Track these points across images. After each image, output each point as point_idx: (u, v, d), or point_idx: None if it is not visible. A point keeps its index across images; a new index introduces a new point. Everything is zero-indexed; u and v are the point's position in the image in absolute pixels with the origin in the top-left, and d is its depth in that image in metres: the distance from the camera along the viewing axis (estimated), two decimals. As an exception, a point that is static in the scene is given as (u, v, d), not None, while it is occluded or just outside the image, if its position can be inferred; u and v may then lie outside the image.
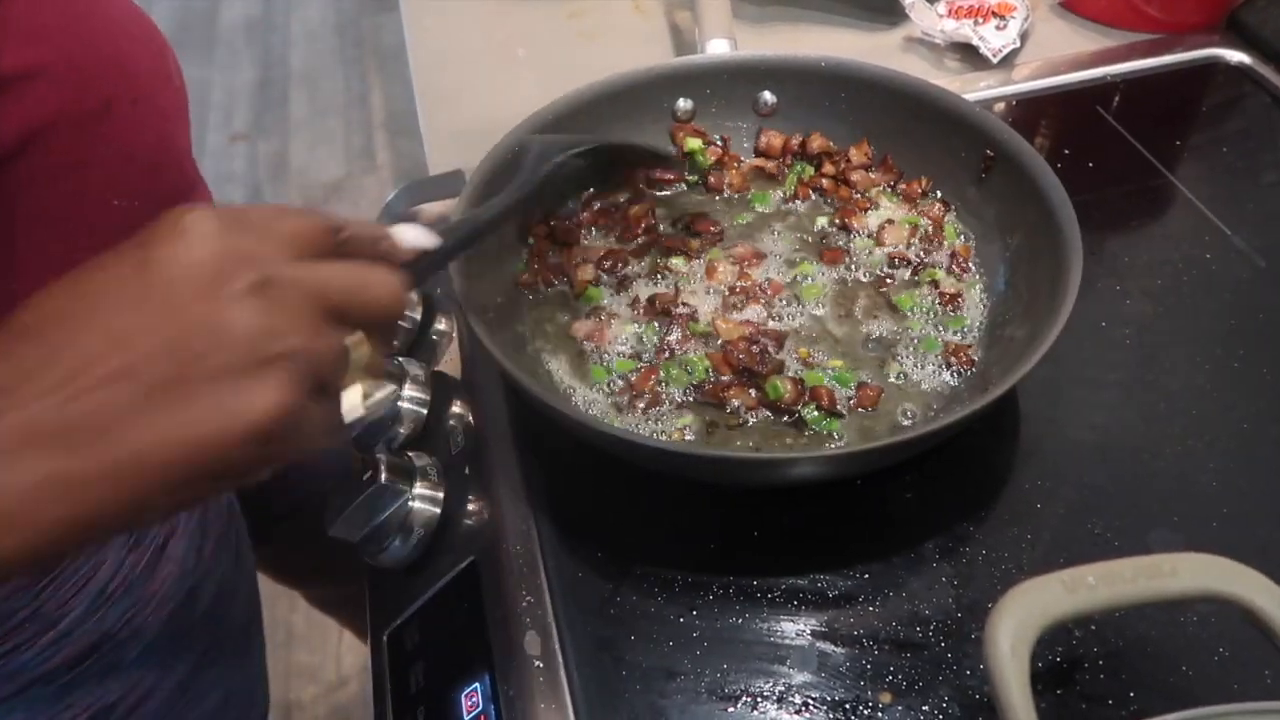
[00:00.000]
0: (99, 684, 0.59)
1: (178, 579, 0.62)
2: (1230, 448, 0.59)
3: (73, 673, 0.58)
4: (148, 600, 0.60)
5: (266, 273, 0.35)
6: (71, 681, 0.58)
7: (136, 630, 0.60)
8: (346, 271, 0.38)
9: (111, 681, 0.60)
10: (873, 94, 0.73)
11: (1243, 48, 0.86)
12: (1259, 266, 0.69)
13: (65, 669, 0.57)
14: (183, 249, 0.35)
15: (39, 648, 0.55)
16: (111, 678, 0.60)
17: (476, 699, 0.53)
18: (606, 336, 0.64)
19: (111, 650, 0.59)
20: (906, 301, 0.64)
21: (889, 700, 0.49)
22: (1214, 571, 0.41)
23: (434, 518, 0.60)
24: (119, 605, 0.58)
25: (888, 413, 0.59)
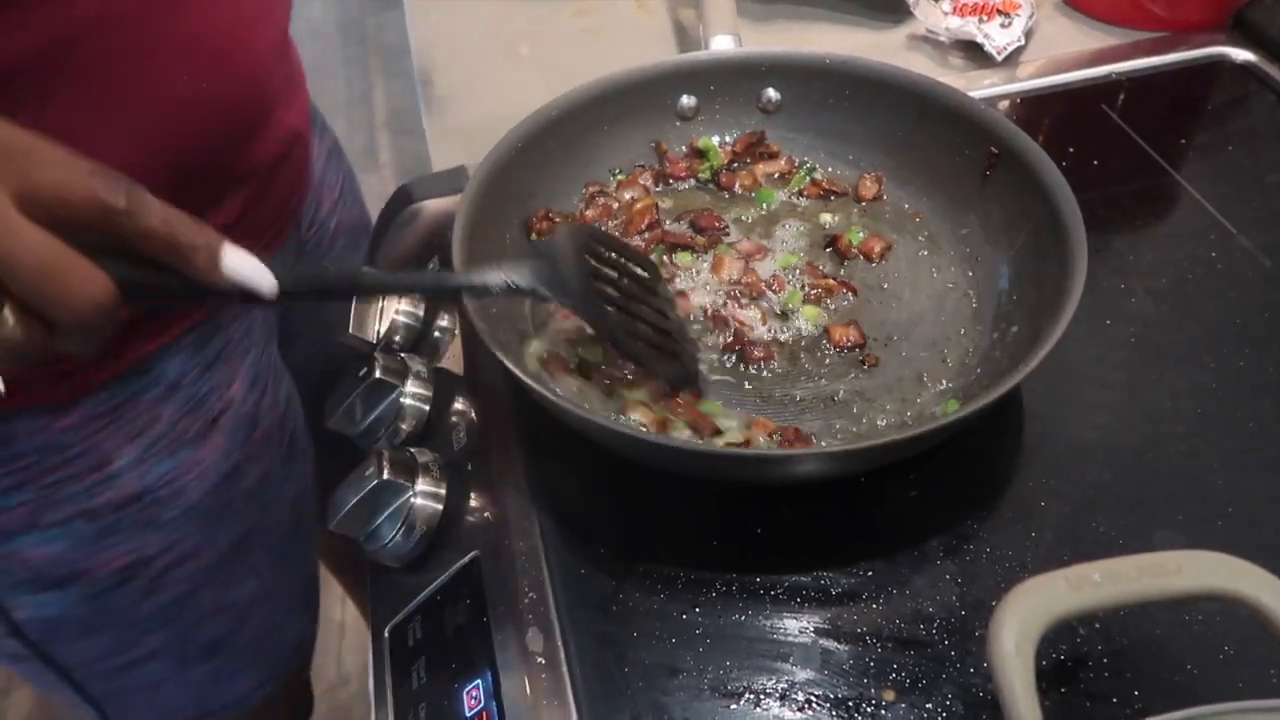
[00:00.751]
0: (139, 533, 0.62)
1: (224, 453, 0.65)
2: (1235, 447, 0.59)
3: (115, 515, 0.61)
4: (192, 465, 0.63)
5: None
6: (113, 524, 0.61)
7: (177, 491, 0.62)
8: (48, 252, 0.34)
9: (151, 534, 0.62)
10: (877, 91, 0.72)
11: (1249, 46, 0.86)
12: (1264, 266, 0.69)
13: (109, 510, 0.60)
14: None
15: (86, 484, 0.59)
16: (151, 530, 0.62)
17: (478, 695, 0.53)
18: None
19: (152, 504, 0.61)
20: None
21: (892, 698, 0.49)
22: (1220, 570, 0.41)
23: (436, 514, 0.60)
24: (164, 463, 0.61)
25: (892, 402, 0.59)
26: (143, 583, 0.64)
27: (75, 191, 0.35)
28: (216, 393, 0.64)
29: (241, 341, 0.66)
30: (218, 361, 0.64)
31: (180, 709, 0.77)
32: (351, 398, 0.65)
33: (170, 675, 0.73)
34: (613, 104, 0.73)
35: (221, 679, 0.76)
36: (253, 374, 0.67)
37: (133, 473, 0.60)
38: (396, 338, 0.70)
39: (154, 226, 0.36)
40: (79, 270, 0.35)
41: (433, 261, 0.74)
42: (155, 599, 0.66)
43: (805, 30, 0.93)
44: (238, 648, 0.74)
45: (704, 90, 0.75)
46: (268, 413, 0.68)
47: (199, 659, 0.73)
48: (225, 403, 0.64)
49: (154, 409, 0.60)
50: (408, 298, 0.70)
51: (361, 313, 0.69)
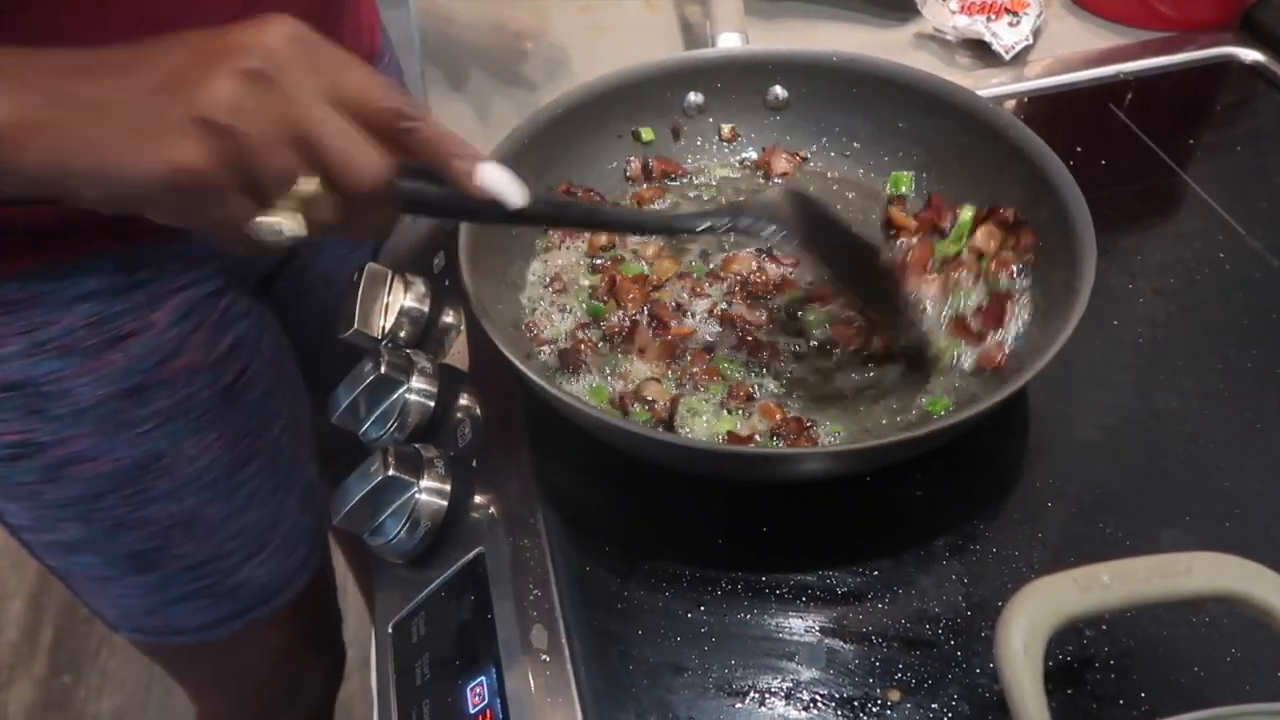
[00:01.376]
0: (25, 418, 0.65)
1: (123, 369, 0.66)
2: (1243, 447, 0.59)
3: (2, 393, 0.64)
4: (85, 372, 0.65)
5: (269, 71, 0.40)
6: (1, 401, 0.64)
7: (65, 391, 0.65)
8: (343, 131, 0.42)
9: (39, 423, 0.65)
10: (884, 90, 0.72)
11: (1257, 46, 0.86)
12: (1273, 266, 0.69)
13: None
14: (251, 31, 0.41)
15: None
16: (38, 420, 0.65)
17: (482, 692, 0.53)
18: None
19: (35, 396, 0.64)
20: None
21: (898, 698, 0.49)
22: (1229, 571, 0.41)
23: (441, 510, 0.60)
24: (52, 362, 0.64)
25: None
26: (39, 465, 0.67)
27: (376, 95, 0.43)
28: (130, 314, 0.65)
29: (178, 277, 0.67)
30: (140, 287, 0.65)
31: (141, 616, 0.79)
32: (356, 393, 0.65)
33: (108, 575, 0.75)
34: (618, 100, 0.72)
35: (171, 600, 0.77)
36: (184, 309, 0.68)
37: (17, 362, 0.63)
38: (401, 333, 0.70)
39: (429, 135, 0.44)
40: (371, 154, 0.42)
41: (438, 256, 0.74)
42: (59, 488, 0.69)
43: (812, 28, 0.93)
44: (172, 570, 0.75)
45: (711, 88, 0.75)
46: (196, 349, 0.69)
47: (131, 569, 0.75)
48: (138, 325, 0.66)
49: (53, 313, 0.62)
50: (412, 289, 0.70)
51: (366, 308, 0.69)
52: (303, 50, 0.42)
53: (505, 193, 0.45)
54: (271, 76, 0.41)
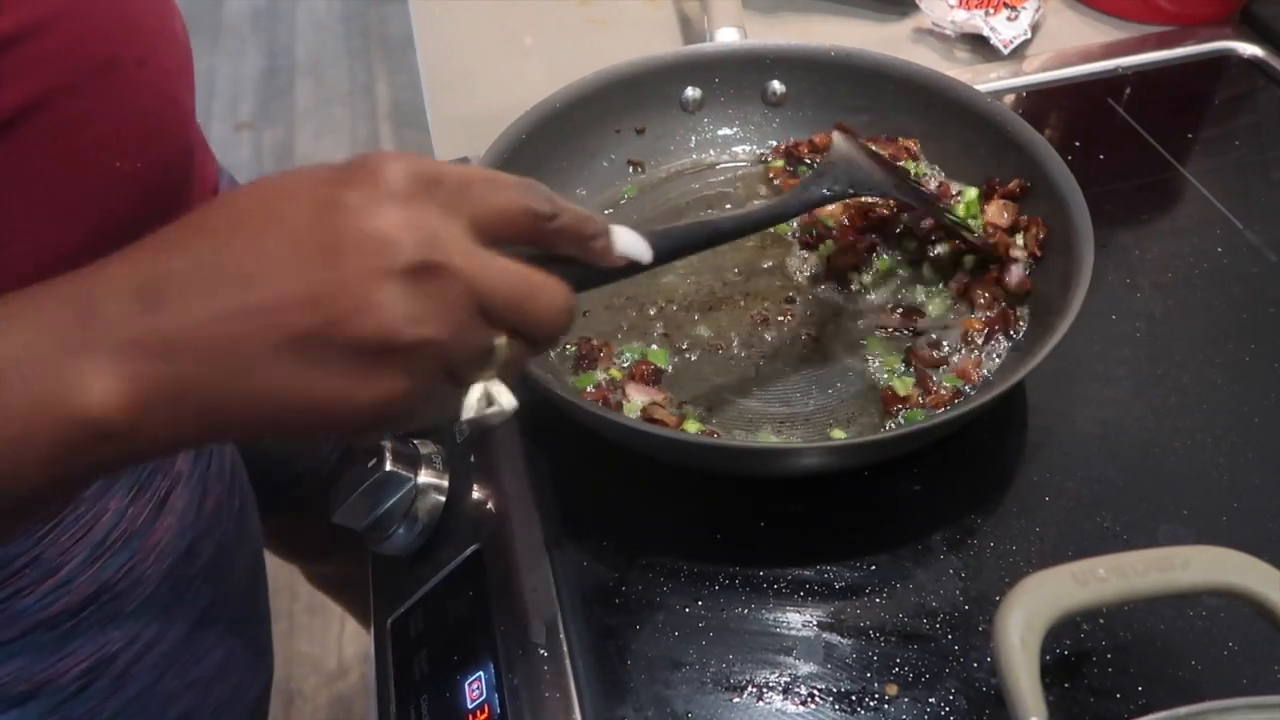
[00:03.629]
0: (100, 633, 0.60)
1: (178, 532, 0.62)
2: (1241, 442, 0.59)
3: (74, 620, 0.58)
4: (148, 552, 0.60)
5: (437, 258, 0.34)
6: (73, 629, 0.58)
7: (136, 581, 0.60)
8: (521, 278, 0.36)
9: (113, 631, 0.60)
10: (883, 84, 0.72)
11: (1256, 41, 0.86)
12: (1270, 261, 0.69)
13: (66, 616, 0.58)
14: (370, 202, 0.33)
15: (39, 594, 0.56)
16: (112, 627, 0.60)
17: (480, 687, 0.53)
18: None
19: (111, 600, 0.59)
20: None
21: (895, 692, 0.49)
22: (1226, 565, 0.41)
23: (439, 506, 0.60)
24: (119, 556, 0.59)
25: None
26: (107, 682, 0.61)
27: (518, 209, 0.37)
28: (160, 472, 0.61)
29: None
30: None
31: None
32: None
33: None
34: (616, 96, 0.72)
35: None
36: (195, 450, 0.64)
37: (86, 574, 0.57)
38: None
39: (569, 224, 0.39)
40: (548, 285, 0.37)
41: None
42: (120, 696, 0.63)
43: (810, 23, 0.93)
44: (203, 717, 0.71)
45: (708, 82, 0.75)
46: (215, 480, 0.66)
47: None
48: (172, 480, 0.62)
49: (99, 502, 0.57)
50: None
51: None
52: (437, 199, 0.35)
53: (639, 254, 0.43)
54: (438, 263, 0.34)
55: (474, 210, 0.36)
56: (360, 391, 0.34)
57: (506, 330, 0.37)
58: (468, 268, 0.34)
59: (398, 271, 0.33)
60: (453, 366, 0.36)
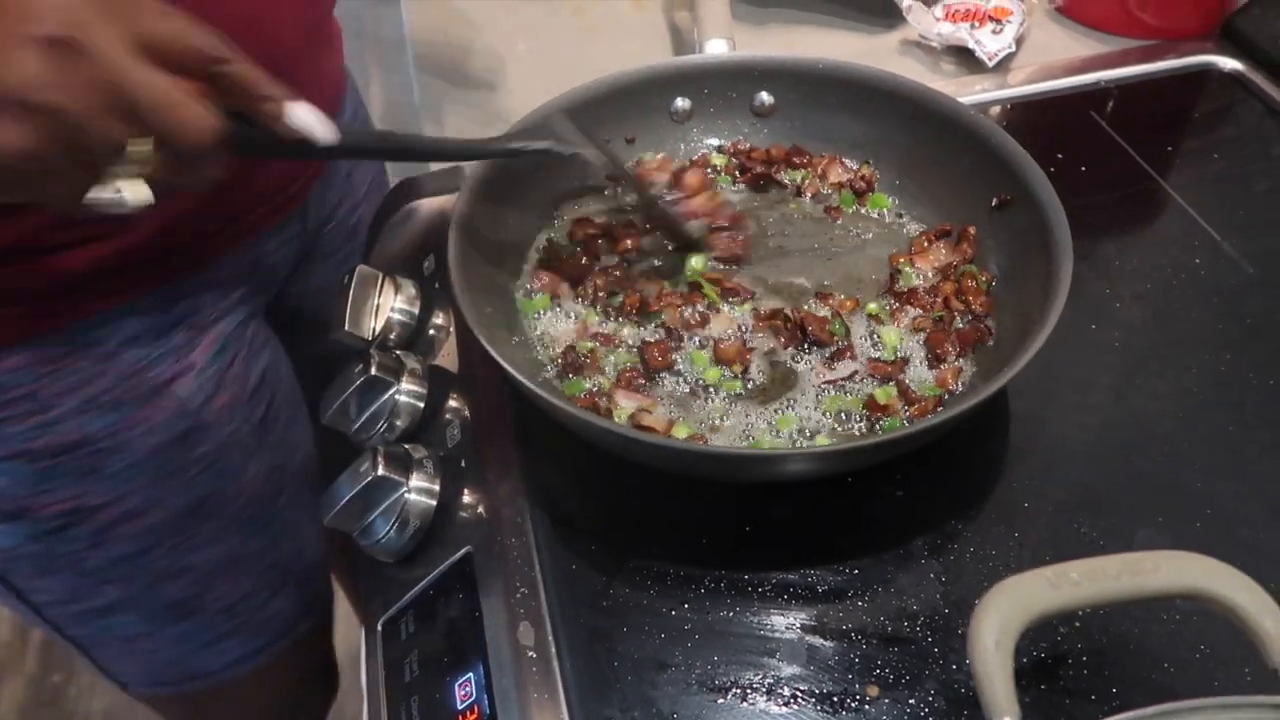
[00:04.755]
0: (79, 481, 0.64)
1: (174, 414, 0.66)
2: (1216, 450, 0.60)
3: (54, 460, 0.63)
4: (136, 422, 0.64)
5: (77, 36, 0.38)
6: (52, 469, 0.63)
7: (119, 445, 0.64)
8: (165, 89, 0.40)
9: (93, 484, 0.64)
10: (869, 96, 0.73)
11: (1236, 55, 0.87)
12: (1248, 273, 0.70)
13: (47, 454, 0.62)
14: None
15: (26, 425, 0.61)
16: (93, 480, 0.64)
17: (470, 689, 0.54)
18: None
19: (91, 454, 0.63)
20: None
21: (876, 694, 0.50)
22: (1195, 569, 0.42)
23: (430, 510, 0.61)
24: (107, 416, 0.63)
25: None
26: (88, 530, 0.66)
27: (182, 39, 0.41)
28: (172, 356, 0.65)
29: (208, 311, 0.67)
30: (178, 327, 0.65)
31: (166, 667, 0.78)
32: (347, 394, 0.65)
33: (143, 631, 0.74)
34: (606, 104, 0.73)
35: (202, 645, 0.77)
36: (219, 344, 0.67)
37: (72, 421, 0.62)
38: (392, 335, 0.70)
39: (239, 76, 0.43)
40: (192, 106, 0.41)
41: (428, 260, 0.75)
42: (105, 550, 0.67)
43: (799, 34, 0.94)
44: (210, 614, 0.75)
45: (698, 93, 0.76)
46: (233, 383, 0.69)
47: (170, 619, 0.74)
48: (182, 367, 0.65)
49: (99, 365, 0.62)
50: (402, 292, 0.71)
51: (357, 309, 0.69)
52: (106, 3, 0.39)
53: (314, 131, 0.45)
54: (76, 40, 0.38)
55: (140, 25, 0.40)
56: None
57: (145, 133, 0.41)
58: (110, 59, 0.39)
59: (35, 39, 0.37)
60: (81, 147, 0.39)
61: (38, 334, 0.60)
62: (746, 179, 0.75)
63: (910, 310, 0.65)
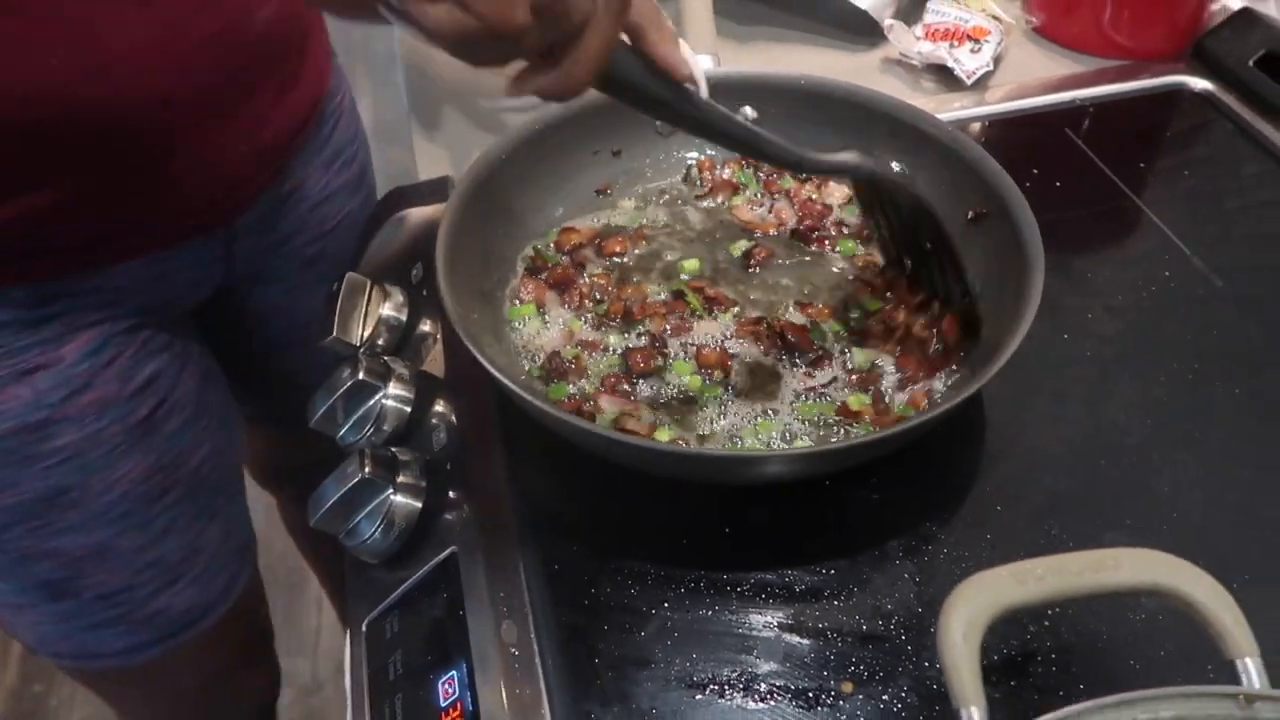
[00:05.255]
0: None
1: (28, 404, 0.66)
2: (1184, 456, 0.62)
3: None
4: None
5: None
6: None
7: None
8: None
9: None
10: (850, 112, 0.75)
11: (1207, 76, 0.90)
12: (1216, 286, 0.72)
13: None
14: None
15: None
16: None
17: (453, 686, 0.54)
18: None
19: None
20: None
21: (850, 690, 0.51)
22: (1155, 566, 0.43)
23: (415, 511, 0.62)
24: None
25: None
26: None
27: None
28: (37, 348, 0.65)
29: (92, 313, 0.68)
30: (49, 321, 0.66)
31: (57, 640, 0.79)
32: (334, 398, 0.66)
33: (24, 603, 0.76)
34: (594, 118, 0.75)
35: (84, 626, 0.77)
36: (98, 343, 0.68)
37: None
38: (379, 341, 0.71)
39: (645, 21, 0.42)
40: None
41: (415, 268, 0.76)
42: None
43: (783, 52, 0.96)
44: (86, 599, 0.75)
45: (683, 107, 0.77)
46: (108, 383, 0.69)
47: (44, 597, 0.75)
48: (47, 360, 0.66)
49: None
50: (390, 299, 0.72)
51: (345, 316, 0.71)
52: None
53: (699, 77, 0.44)
54: None
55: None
56: None
57: None
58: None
59: None
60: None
61: None
62: None
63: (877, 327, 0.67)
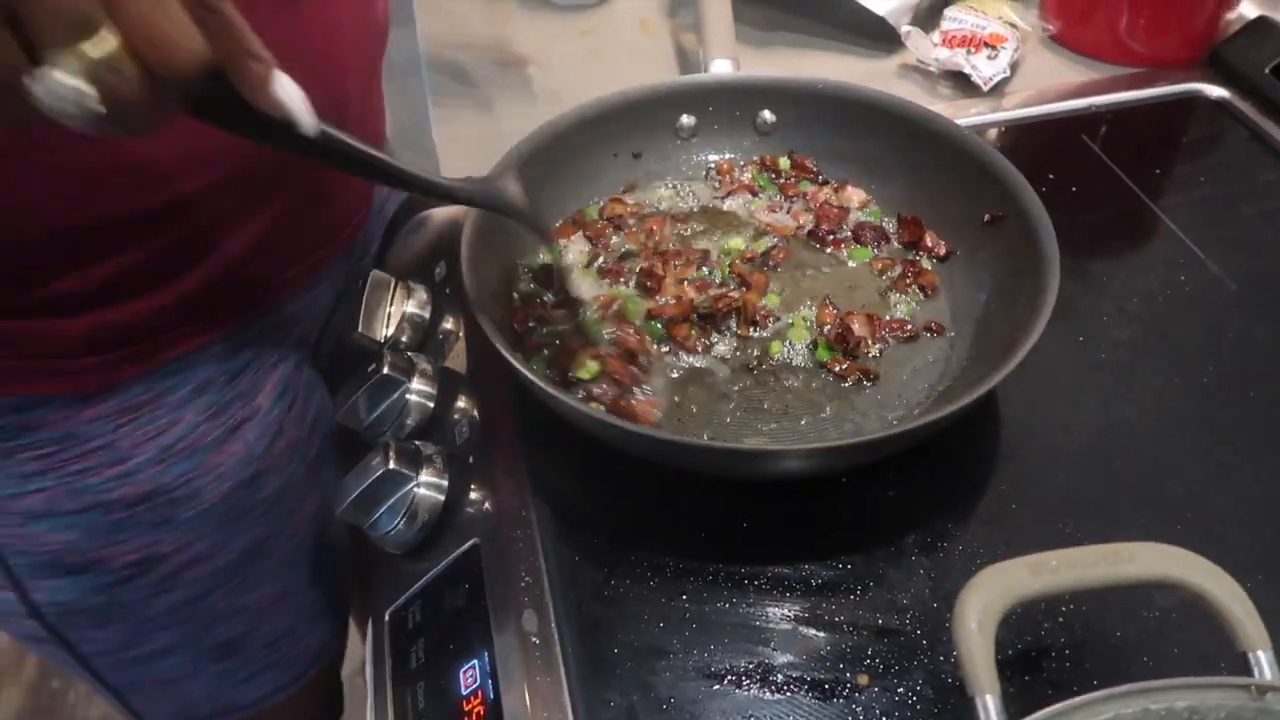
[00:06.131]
0: (151, 531, 0.64)
1: (243, 459, 0.66)
2: (1197, 458, 0.62)
3: (129, 511, 0.63)
4: (209, 469, 0.65)
5: None
6: (126, 520, 0.63)
7: (193, 493, 0.65)
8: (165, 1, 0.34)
9: (165, 533, 0.65)
10: (867, 115, 0.76)
11: (1223, 83, 0.90)
12: (1231, 290, 0.73)
13: (122, 505, 0.63)
14: None
15: (103, 477, 0.61)
16: (165, 529, 0.64)
17: (475, 675, 0.55)
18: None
19: (166, 504, 0.64)
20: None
21: (866, 682, 0.52)
22: (1169, 559, 0.44)
23: (438, 504, 0.63)
24: (182, 464, 0.63)
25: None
26: (155, 579, 0.66)
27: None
28: (241, 400, 0.65)
29: (271, 353, 0.68)
30: (245, 371, 0.66)
31: (200, 704, 0.78)
32: (359, 393, 0.68)
33: (187, 673, 0.74)
34: (614, 121, 0.76)
35: (239, 680, 0.77)
36: (281, 386, 0.68)
37: (149, 470, 0.62)
38: (404, 338, 0.73)
39: (231, 18, 0.36)
40: (192, 29, 0.35)
41: (439, 265, 0.77)
42: (167, 597, 0.67)
43: (802, 57, 0.97)
44: (253, 651, 0.75)
45: (702, 110, 0.79)
46: (294, 425, 0.70)
47: (213, 659, 0.74)
48: (249, 411, 0.66)
49: (176, 411, 0.62)
50: (414, 296, 0.73)
51: (371, 312, 0.72)
52: None
53: (298, 113, 0.39)
54: None
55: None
56: None
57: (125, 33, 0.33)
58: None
59: None
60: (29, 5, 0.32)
61: (120, 382, 0.61)
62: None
63: None
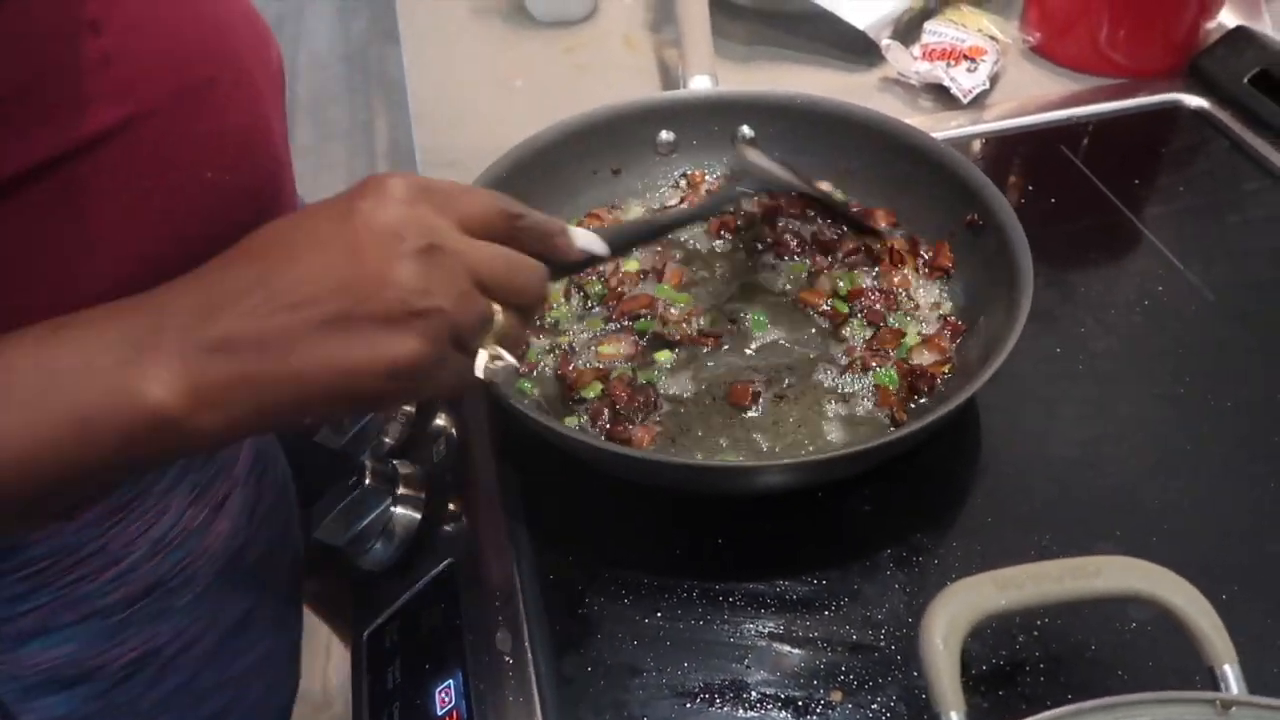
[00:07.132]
0: (150, 625, 0.63)
1: (230, 534, 0.66)
2: (1173, 469, 0.62)
3: (128, 611, 0.62)
4: (201, 552, 0.64)
5: (435, 240, 0.42)
6: (126, 620, 0.62)
7: (188, 579, 0.64)
8: (503, 254, 0.46)
9: (162, 624, 0.64)
10: (846, 130, 0.76)
11: (1202, 93, 0.90)
12: (1209, 300, 0.73)
13: (122, 606, 0.61)
14: (378, 206, 0.42)
15: (100, 582, 0.60)
16: (162, 620, 0.64)
17: (450, 694, 0.55)
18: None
19: (164, 595, 0.63)
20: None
21: (839, 698, 0.52)
22: (1135, 573, 0.44)
23: (415, 523, 0.63)
24: (176, 553, 0.63)
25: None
26: (151, 673, 0.64)
27: (493, 211, 0.46)
28: (222, 475, 0.65)
29: (240, 419, 0.67)
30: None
31: None
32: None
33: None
34: (595, 137, 0.77)
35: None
36: (254, 455, 0.68)
37: (145, 566, 0.61)
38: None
39: (535, 223, 0.48)
40: (525, 260, 0.47)
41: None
42: (161, 687, 0.66)
43: (782, 71, 0.97)
44: (235, 715, 0.73)
45: (681, 126, 0.79)
46: (269, 490, 0.70)
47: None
48: (230, 485, 0.65)
49: (163, 500, 0.61)
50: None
51: None
52: (431, 202, 0.44)
53: (596, 248, 0.52)
54: (437, 244, 0.42)
55: (459, 210, 0.45)
56: (383, 351, 0.41)
57: (499, 301, 0.45)
58: (461, 249, 0.44)
59: (407, 253, 0.41)
60: (459, 332, 0.43)
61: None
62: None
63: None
